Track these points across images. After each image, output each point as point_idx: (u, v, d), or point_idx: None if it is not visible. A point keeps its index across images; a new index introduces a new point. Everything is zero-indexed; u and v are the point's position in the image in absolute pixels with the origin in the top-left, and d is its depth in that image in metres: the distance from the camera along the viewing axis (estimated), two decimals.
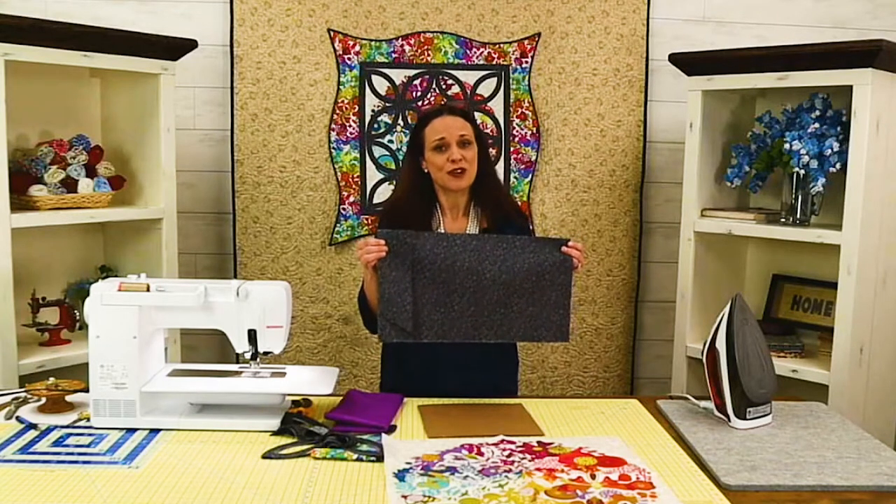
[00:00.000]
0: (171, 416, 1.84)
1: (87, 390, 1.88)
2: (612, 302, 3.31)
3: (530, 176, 3.22)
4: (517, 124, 3.20)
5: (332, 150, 3.17)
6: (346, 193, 3.18)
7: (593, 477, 1.61)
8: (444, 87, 3.18)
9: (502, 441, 1.79)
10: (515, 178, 3.22)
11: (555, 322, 2.04)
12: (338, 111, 3.16)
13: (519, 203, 3.17)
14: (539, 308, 2.03)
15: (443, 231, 2.26)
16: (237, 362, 2.36)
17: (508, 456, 1.71)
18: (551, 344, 3.25)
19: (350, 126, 3.16)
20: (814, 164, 2.61)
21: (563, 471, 1.63)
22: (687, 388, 2.84)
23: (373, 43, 3.15)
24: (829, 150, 2.59)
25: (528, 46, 3.19)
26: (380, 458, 1.68)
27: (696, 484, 1.60)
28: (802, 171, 2.67)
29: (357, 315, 2.32)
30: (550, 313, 2.04)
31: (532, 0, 3.18)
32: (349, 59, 3.15)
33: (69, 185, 2.64)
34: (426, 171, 2.26)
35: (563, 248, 2.04)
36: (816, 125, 2.64)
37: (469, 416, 1.96)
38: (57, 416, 1.87)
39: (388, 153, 3.19)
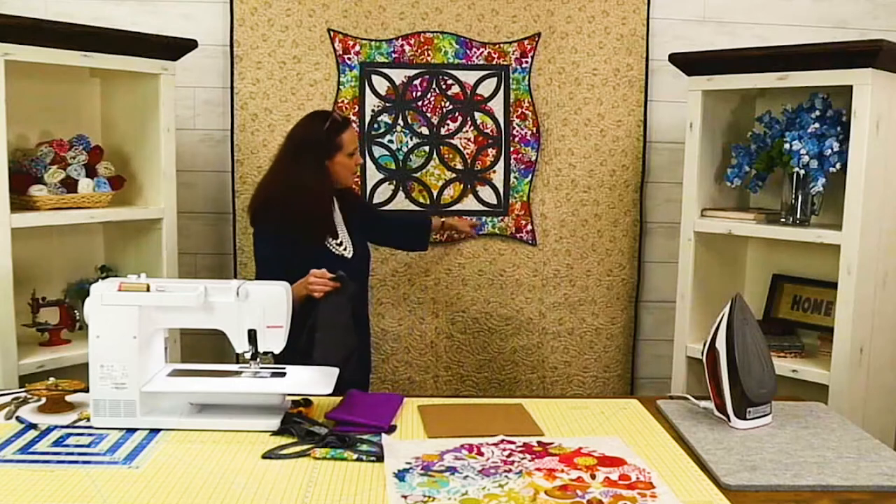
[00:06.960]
0: (171, 416, 1.84)
1: (87, 390, 1.88)
2: (612, 302, 3.31)
3: (530, 176, 3.22)
4: (517, 124, 3.20)
5: None
6: None
7: (593, 477, 1.61)
8: (443, 87, 3.18)
9: (502, 441, 1.79)
10: (515, 178, 3.21)
11: None
12: (338, 111, 3.15)
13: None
14: None
15: (337, 216, 2.57)
16: (237, 362, 2.36)
17: (508, 456, 1.71)
18: (551, 344, 3.26)
19: None
20: (814, 164, 2.61)
21: (563, 471, 1.63)
22: (687, 388, 2.84)
23: (373, 43, 3.15)
24: (829, 150, 2.59)
25: (528, 46, 3.19)
26: (380, 458, 1.68)
27: (696, 484, 1.60)
28: (802, 171, 2.67)
29: None
30: None
31: (532, 0, 3.18)
32: (349, 59, 3.15)
33: (69, 185, 2.64)
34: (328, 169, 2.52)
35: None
36: (816, 125, 2.63)
37: (469, 416, 1.96)
38: (57, 416, 1.87)
39: (388, 153, 3.19)
